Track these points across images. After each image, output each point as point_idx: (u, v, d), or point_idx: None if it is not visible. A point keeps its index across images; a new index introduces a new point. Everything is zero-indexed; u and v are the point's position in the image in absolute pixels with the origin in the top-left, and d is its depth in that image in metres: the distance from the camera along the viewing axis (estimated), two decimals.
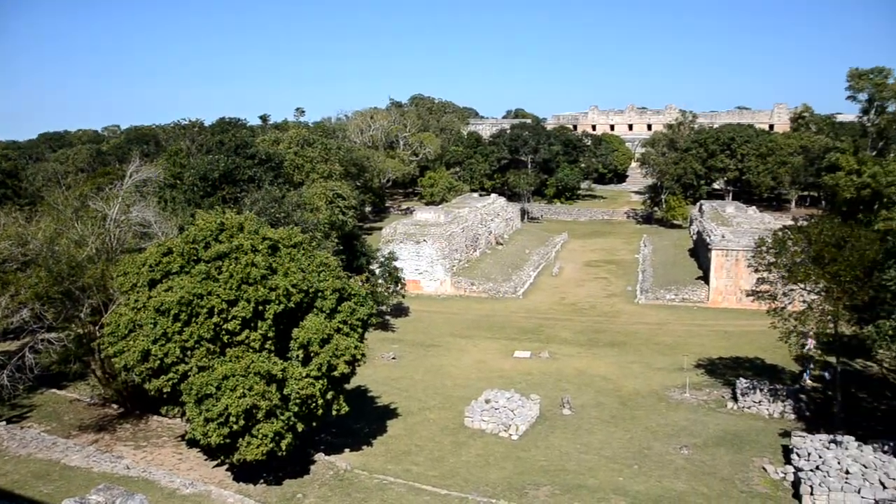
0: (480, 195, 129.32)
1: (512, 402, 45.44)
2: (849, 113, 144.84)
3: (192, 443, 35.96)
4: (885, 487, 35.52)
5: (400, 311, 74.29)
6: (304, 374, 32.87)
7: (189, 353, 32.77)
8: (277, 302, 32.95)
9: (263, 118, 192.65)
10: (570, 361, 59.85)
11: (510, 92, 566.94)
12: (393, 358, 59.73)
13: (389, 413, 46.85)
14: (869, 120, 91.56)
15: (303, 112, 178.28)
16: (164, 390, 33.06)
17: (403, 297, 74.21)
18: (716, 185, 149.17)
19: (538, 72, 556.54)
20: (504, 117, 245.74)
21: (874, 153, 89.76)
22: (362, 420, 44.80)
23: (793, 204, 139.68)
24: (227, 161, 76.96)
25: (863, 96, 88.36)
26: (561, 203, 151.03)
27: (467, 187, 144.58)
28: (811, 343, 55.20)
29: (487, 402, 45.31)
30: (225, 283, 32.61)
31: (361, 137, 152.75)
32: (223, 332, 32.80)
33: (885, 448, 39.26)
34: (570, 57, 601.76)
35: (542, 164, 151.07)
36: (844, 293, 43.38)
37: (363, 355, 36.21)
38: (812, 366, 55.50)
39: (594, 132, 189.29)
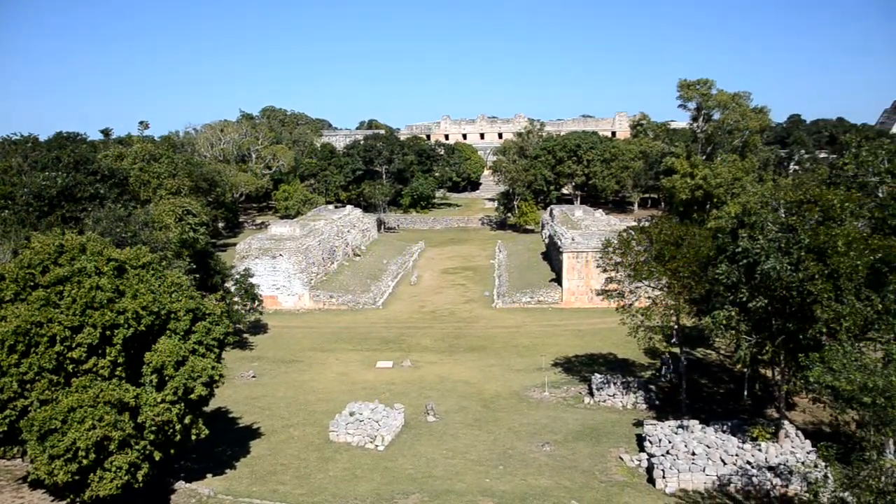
0: (336, 207, 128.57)
1: (376, 413, 45.44)
2: (681, 120, 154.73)
3: (36, 483, 33.58)
4: (725, 463, 38.41)
5: (258, 328, 72.56)
6: (159, 400, 31.54)
7: (28, 386, 30.63)
8: (126, 326, 31.44)
9: (105, 132, 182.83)
10: (433, 368, 60.54)
11: (363, 103, 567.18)
12: (253, 377, 58.25)
13: (252, 433, 45.66)
14: (698, 127, 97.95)
15: (147, 126, 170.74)
16: (0, 429, 30.79)
17: (261, 313, 72.52)
18: (565, 190, 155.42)
19: (391, 83, 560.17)
20: (358, 128, 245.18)
21: (704, 157, 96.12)
22: (224, 443, 43.40)
23: (636, 206, 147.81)
24: (66, 178, 72.56)
25: (692, 105, 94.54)
26: (417, 212, 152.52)
27: (323, 199, 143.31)
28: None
29: (352, 414, 45.09)
30: (67, 309, 30.77)
31: (212, 151, 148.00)
32: (67, 362, 30.91)
33: (725, 428, 42.35)
34: (422, 68, 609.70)
35: (396, 175, 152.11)
36: (684, 288, 46.37)
37: (221, 376, 35.18)
38: (667, 357, 58.80)
39: (447, 141, 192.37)
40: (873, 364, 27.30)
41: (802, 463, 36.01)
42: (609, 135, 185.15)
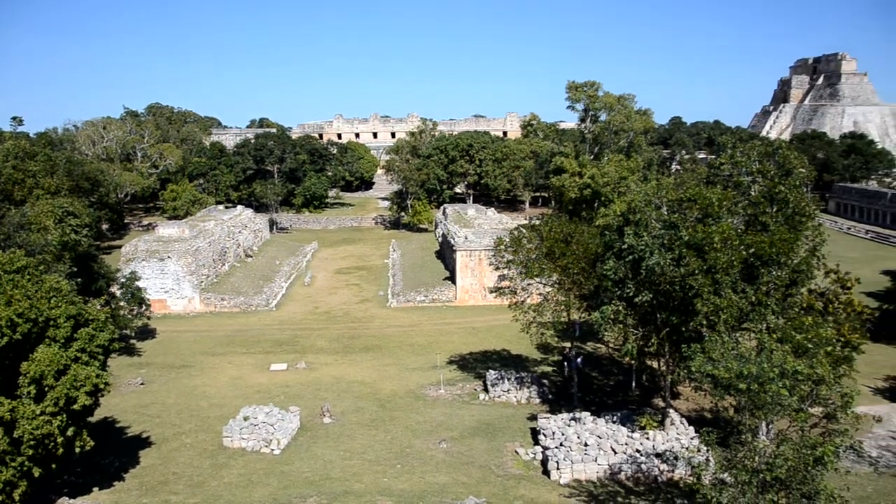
0: (227, 207, 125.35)
1: (271, 417, 44.70)
2: (570, 121, 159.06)
3: None
4: (615, 453, 39.89)
5: (146, 333, 69.94)
6: (37, 412, 30.00)
7: None
8: (0, 334, 29.76)
9: None
10: (328, 369, 60.03)
11: (254, 101, 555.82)
12: (141, 384, 56.13)
13: (142, 443, 44.04)
14: (586, 127, 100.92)
15: (21, 121, 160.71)
16: None
17: (149, 318, 69.96)
18: (458, 189, 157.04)
19: (282, 81, 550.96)
20: (248, 127, 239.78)
21: (592, 157, 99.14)
22: (111, 454, 41.70)
23: (527, 204, 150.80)
24: None
25: (580, 106, 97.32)
26: (310, 212, 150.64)
27: (213, 200, 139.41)
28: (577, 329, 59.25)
29: (246, 419, 44.19)
30: None
31: (94, 149, 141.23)
32: None
33: (615, 418, 43.97)
34: (313, 66, 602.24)
35: (289, 174, 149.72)
36: (574, 284, 47.73)
37: (107, 384, 33.80)
38: (570, 351, 60.23)
39: (340, 141, 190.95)
40: (748, 353, 28.90)
41: (686, 448, 37.76)
42: (500, 135, 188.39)
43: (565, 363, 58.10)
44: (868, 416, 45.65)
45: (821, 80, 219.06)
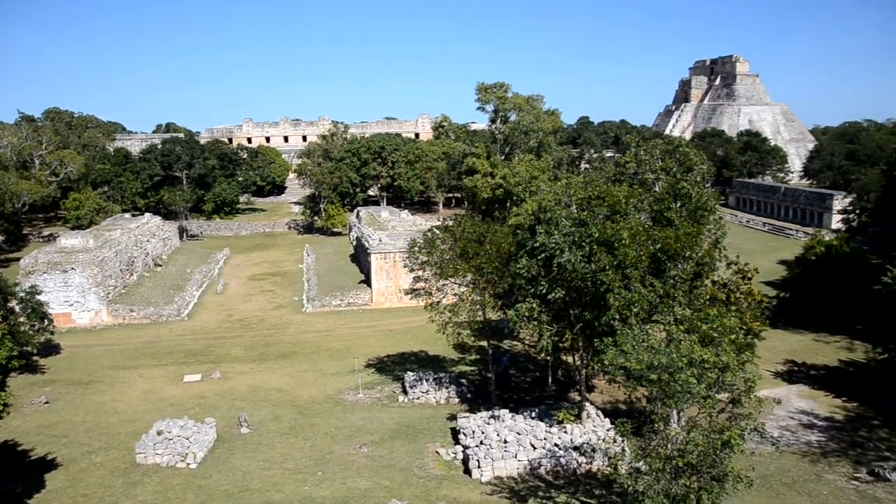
0: (134, 215, 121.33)
1: (186, 430, 43.50)
2: (481, 122, 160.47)
3: None
4: (535, 448, 40.55)
5: (50, 349, 66.87)
6: None
7: None
8: None
9: None
10: (244, 378, 58.88)
11: (160, 105, 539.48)
12: (45, 402, 53.63)
13: (47, 465, 42.07)
14: (496, 128, 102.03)
15: None
16: None
17: (52, 333, 66.88)
18: (371, 192, 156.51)
19: (188, 84, 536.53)
20: (154, 132, 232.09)
21: (503, 157, 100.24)
22: (13, 479, 39.70)
23: (440, 205, 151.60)
24: None
25: (490, 107, 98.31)
26: (221, 218, 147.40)
27: (119, 208, 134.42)
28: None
29: (160, 433, 42.85)
30: None
31: None
32: None
33: (533, 414, 44.68)
34: (221, 69, 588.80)
35: (198, 180, 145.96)
36: (488, 283, 48.27)
37: (6, 405, 32.32)
38: (502, 356, 60.99)
39: (250, 145, 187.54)
40: (658, 344, 29.85)
41: (603, 440, 38.76)
42: (413, 136, 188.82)
43: (495, 360, 58.94)
44: (769, 398, 47.99)
45: (718, 80, 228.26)
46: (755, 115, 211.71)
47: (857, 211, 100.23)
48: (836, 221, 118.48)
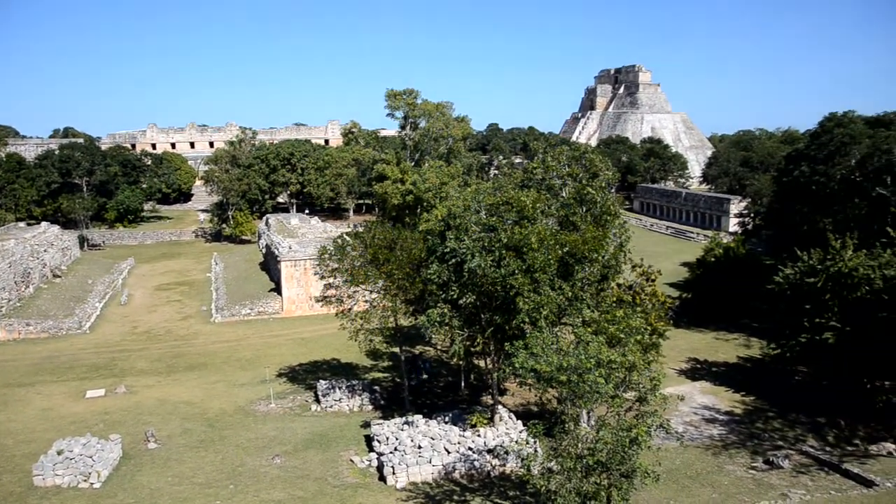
0: (29, 224, 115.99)
1: (89, 448, 41.74)
2: (391, 128, 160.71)
3: None
4: (449, 452, 40.79)
5: None
6: None
7: None
8: None
9: None
10: (151, 392, 56.99)
11: (57, 109, 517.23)
12: None
13: None
14: (406, 134, 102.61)
15: None
16: None
17: None
18: (280, 199, 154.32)
19: (88, 88, 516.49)
20: (52, 137, 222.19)
21: (413, 164, 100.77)
22: None
23: (351, 212, 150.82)
24: None
25: (399, 114, 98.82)
26: (124, 227, 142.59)
27: (12, 216, 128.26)
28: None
29: (60, 453, 40.98)
30: None
31: None
32: None
33: (447, 419, 44.96)
34: (122, 72, 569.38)
35: (99, 187, 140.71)
36: (399, 289, 48.30)
37: None
38: (423, 362, 60.89)
39: (155, 151, 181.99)
40: (567, 346, 30.53)
41: (516, 442, 39.27)
42: (322, 143, 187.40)
43: (413, 367, 59.05)
44: (673, 396, 49.51)
45: (622, 89, 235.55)
46: (657, 122, 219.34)
47: (752, 214, 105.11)
48: (733, 224, 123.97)
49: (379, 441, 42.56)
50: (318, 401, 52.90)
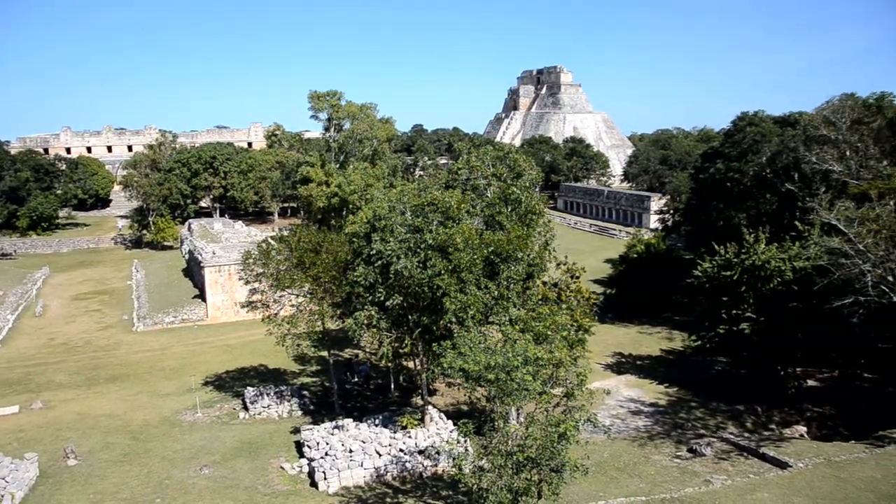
0: None
1: (1, 469, 39.99)
2: (315, 130, 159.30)
3: None
4: (380, 455, 40.74)
5: None
6: None
7: None
8: None
9: None
10: (69, 406, 55.01)
11: None
12: None
13: None
14: (331, 136, 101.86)
15: None
16: None
17: None
18: (203, 203, 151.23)
19: None
20: None
21: (338, 166, 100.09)
22: None
23: (276, 215, 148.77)
24: None
25: (323, 115, 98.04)
26: (38, 235, 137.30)
27: None
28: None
29: None
30: None
31: None
32: None
33: (377, 422, 44.87)
34: (33, 74, 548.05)
35: (9, 193, 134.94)
36: (326, 293, 47.97)
37: None
38: (361, 365, 60.53)
39: (69, 155, 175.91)
40: (495, 345, 30.81)
41: (447, 442, 39.33)
42: (245, 146, 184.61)
43: (355, 371, 58.77)
44: (600, 390, 50.87)
45: (544, 90, 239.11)
46: (579, 122, 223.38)
47: (671, 211, 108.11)
48: (653, 221, 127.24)
49: (309, 447, 42.17)
50: (246, 408, 52.07)
